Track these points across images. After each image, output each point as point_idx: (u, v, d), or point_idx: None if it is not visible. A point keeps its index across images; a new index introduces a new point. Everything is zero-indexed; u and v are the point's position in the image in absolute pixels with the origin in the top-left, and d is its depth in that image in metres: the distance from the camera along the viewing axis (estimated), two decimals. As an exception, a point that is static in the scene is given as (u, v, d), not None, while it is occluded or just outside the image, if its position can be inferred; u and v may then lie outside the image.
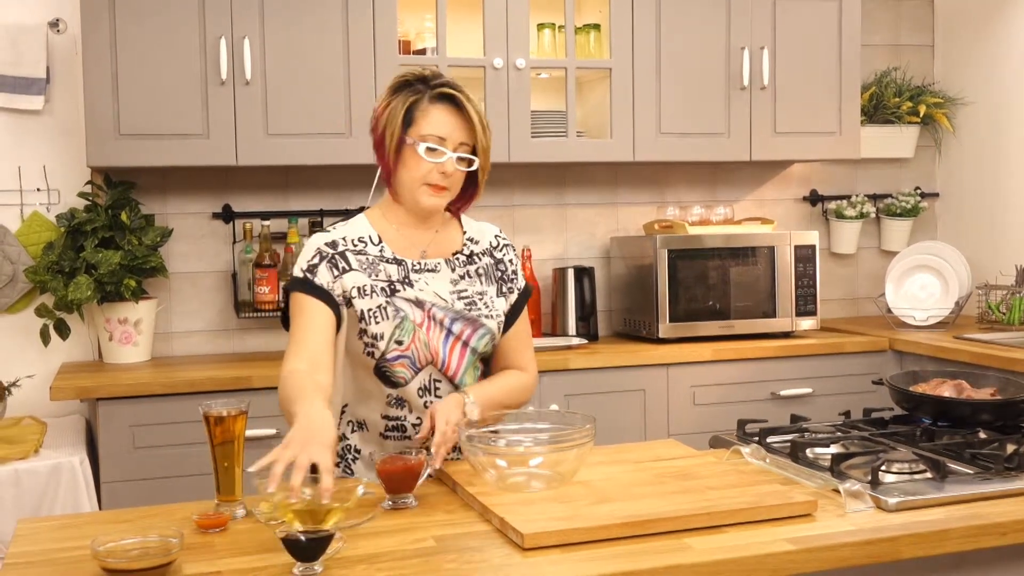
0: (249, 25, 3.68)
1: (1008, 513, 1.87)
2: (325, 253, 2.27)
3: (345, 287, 2.25)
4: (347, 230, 2.32)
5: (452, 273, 2.37)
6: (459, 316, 2.31)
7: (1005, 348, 3.79)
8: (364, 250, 2.30)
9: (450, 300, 2.32)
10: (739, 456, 2.24)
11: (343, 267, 2.26)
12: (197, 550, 1.75)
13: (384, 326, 2.23)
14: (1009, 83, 4.53)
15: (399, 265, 2.31)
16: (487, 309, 2.36)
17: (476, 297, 2.36)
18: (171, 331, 4.02)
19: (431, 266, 2.35)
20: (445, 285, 2.33)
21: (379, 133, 2.31)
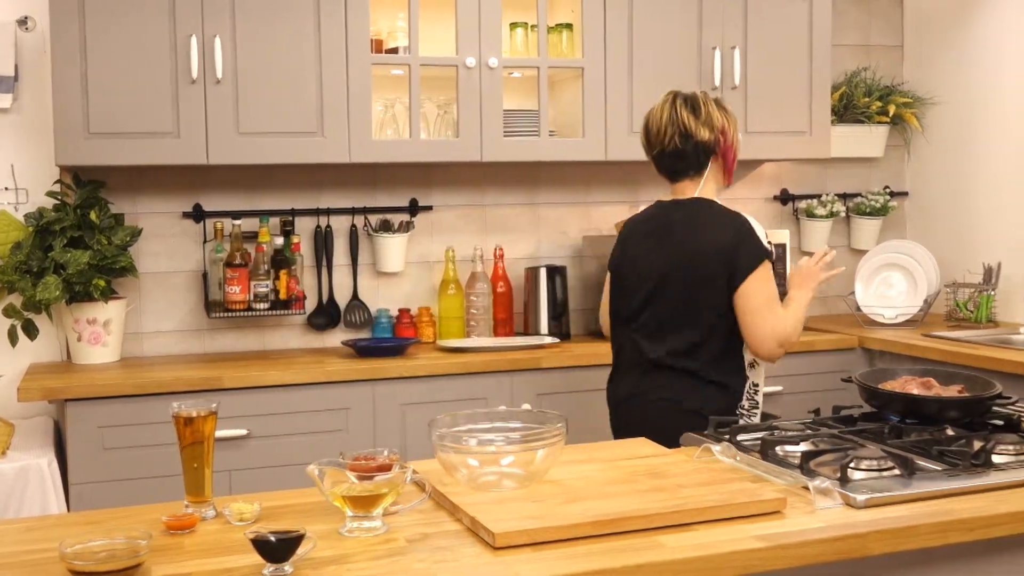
0: (220, 23, 3.66)
1: (975, 509, 1.89)
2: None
3: None
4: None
5: None
6: None
7: (973, 346, 3.82)
8: None
9: None
10: (710, 454, 2.25)
11: None
12: (166, 551, 1.74)
13: None
14: (977, 83, 4.57)
15: None
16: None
17: None
18: (141, 331, 4.00)
19: None
20: None
21: (731, 140, 2.98)
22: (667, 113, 2.96)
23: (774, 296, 2.87)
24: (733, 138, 2.97)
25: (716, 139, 2.94)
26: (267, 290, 3.92)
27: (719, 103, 2.99)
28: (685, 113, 2.93)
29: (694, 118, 2.93)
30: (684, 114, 2.93)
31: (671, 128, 2.94)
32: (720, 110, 2.97)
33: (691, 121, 2.92)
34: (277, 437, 3.55)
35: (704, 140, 2.93)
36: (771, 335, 2.84)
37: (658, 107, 3.00)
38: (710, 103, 2.96)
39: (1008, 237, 4.42)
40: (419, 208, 4.27)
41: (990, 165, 4.53)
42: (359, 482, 1.83)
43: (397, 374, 3.68)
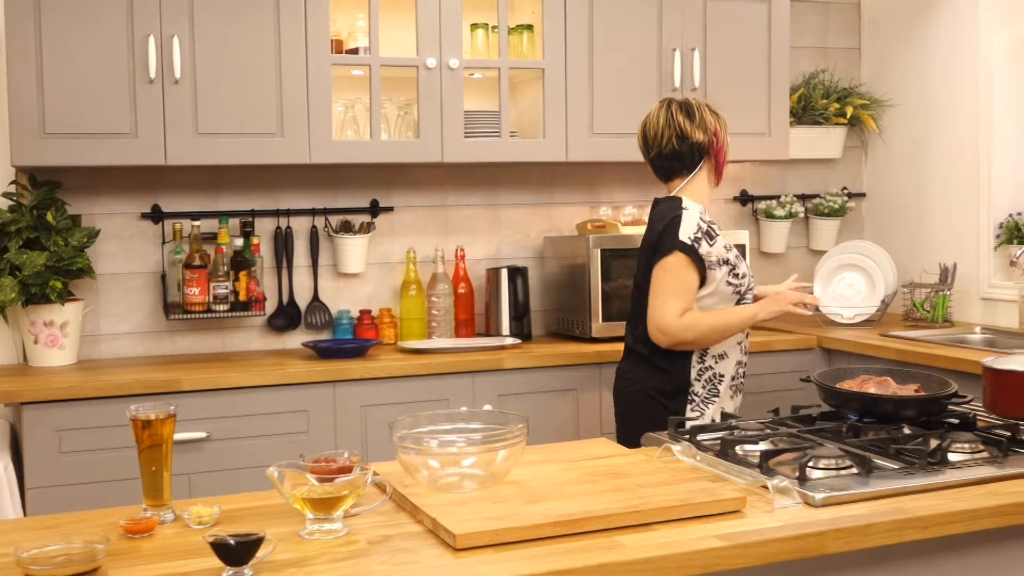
0: (178, 23, 3.63)
1: (930, 507, 1.90)
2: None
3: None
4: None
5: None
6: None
7: (929, 345, 3.86)
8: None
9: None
10: (670, 454, 2.26)
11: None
12: (124, 556, 1.73)
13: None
14: (933, 85, 4.62)
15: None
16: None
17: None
18: (98, 333, 3.96)
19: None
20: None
21: (722, 142, 3.19)
22: (663, 117, 3.18)
23: (669, 287, 3.06)
24: (724, 140, 3.21)
25: (709, 140, 3.17)
26: (227, 291, 3.89)
27: (711, 108, 3.22)
28: (681, 117, 3.16)
29: (689, 121, 3.16)
30: (680, 117, 3.16)
31: (668, 131, 3.16)
32: (712, 114, 3.20)
33: (686, 124, 3.15)
34: (237, 439, 3.53)
35: (698, 141, 3.16)
36: (652, 320, 3.08)
37: (654, 112, 3.22)
38: (703, 107, 3.19)
39: (963, 238, 4.47)
40: (380, 209, 4.26)
41: (945, 166, 4.58)
42: (319, 484, 1.83)
43: (358, 376, 3.67)
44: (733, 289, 3.14)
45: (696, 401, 3.15)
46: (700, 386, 3.15)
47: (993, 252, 4.36)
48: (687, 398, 3.14)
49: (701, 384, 3.15)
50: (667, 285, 3.07)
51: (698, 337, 3.08)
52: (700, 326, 3.06)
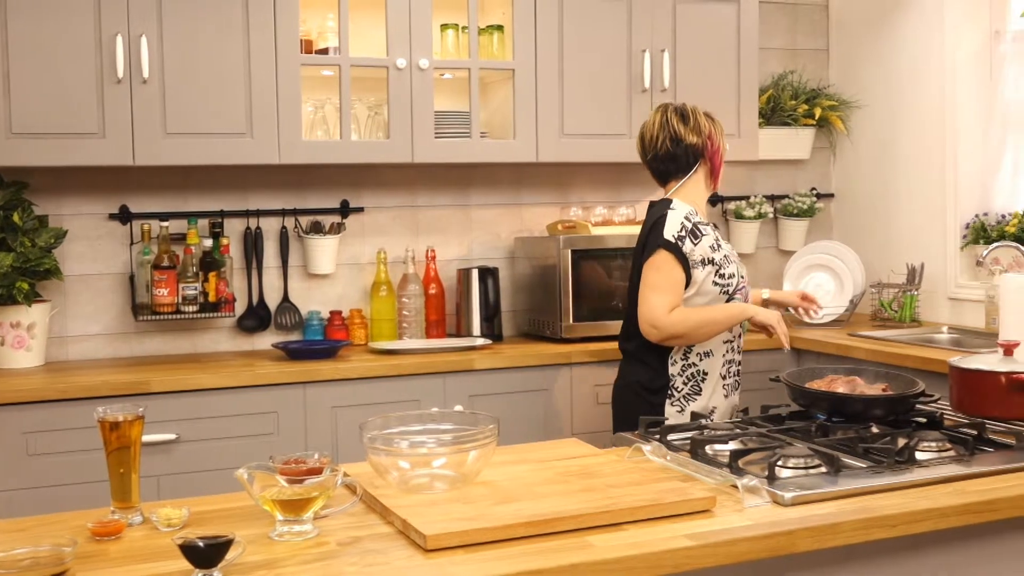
0: (146, 22, 3.61)
1: (897, 506, 1.92)
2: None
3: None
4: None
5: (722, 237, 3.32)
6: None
7: (897, 344, 3.89)
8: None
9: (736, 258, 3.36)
10: (640, 454, 2.27)
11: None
12: (92, 558, 1.72)
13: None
14: (900, 87, 4.66)
15: (715, 229, 3.27)
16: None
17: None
18: (66, 335, 3.93)
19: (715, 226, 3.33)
20: (728, 249, 3.28)
21: (717, 145, 3.28)
22: (659, 121, 3.27)
23: (657, 283, 3.12)
24: (719, 143, 3.29)
25: (703, 143, 3.25)
26: (196, 292, 3.87)
27: (707, 113, 3.30)
28: (675, 120, 3.25)
29: (683, 124, 3.25)
30: (674, 121, 3.25)
31: (662, 133, 3.25)
32: (707, 119, 3.28)
33: (680, 127, 3.24)
34: (206, 441, 3.51)
35: (692, 143, 3.24)
36: (643, 316, 3.13)
37: (651, 117, 3.31)
38: (699, 112, 3.28)
39: (930, 238, 4.51)
40: (350, 209, 4.25)
41: (912, 167, 4.61)
42: (289, 486, 1.82)
43: (328, 377, 3.66)
44: (720, 289, 3.16)
45: (676, 397, 3.18)
46: (681, 382, 3.19)
47: (960, 252, 4.40)
48: (668, 394, 3.19)
49: (683, 380, 3.19)
50: (654, 281, 3.12)
51: (688, 331, 3.10)
52: (690, 320, 3.10)
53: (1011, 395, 2.48)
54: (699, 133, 3.24)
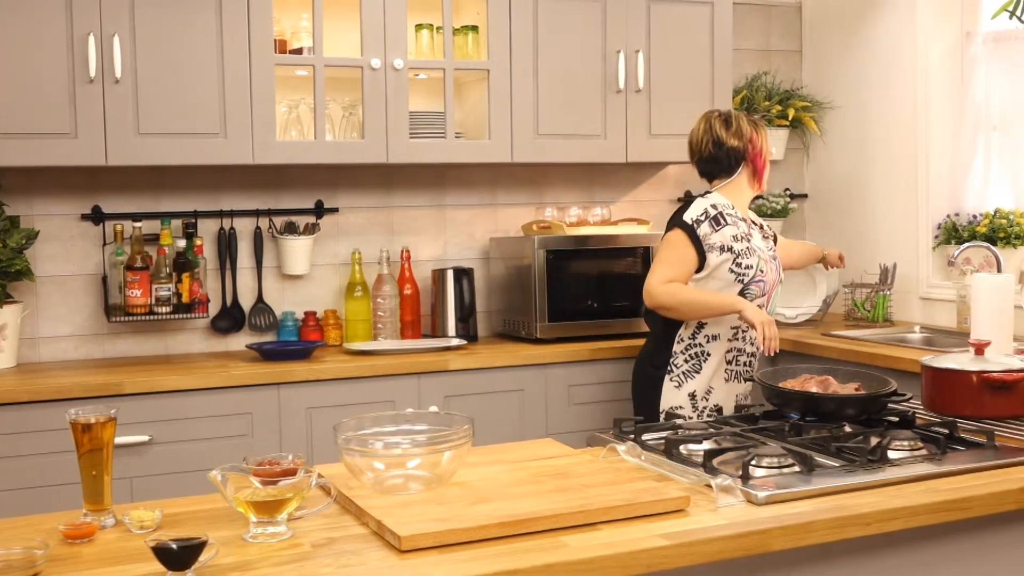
0: (119, 21, 3.59)
1: (871, 504, 1.93)
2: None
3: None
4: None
5: (757, 231, 3.48)
6: (775, 258, 3.51)
7: (869, 344, 3.92)
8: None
9: (768, 250, 3.49)
10: (615, 454, 2.27)
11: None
12: (64, 561, 1.70)
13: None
14: (872, 87, 4.69)
15: (744, 223, 3.43)
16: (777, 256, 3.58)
17: (772, 247, 3.55)
18: (38, 336, 3.90)
19: (751, 225, 3.46)
20: (759, 240, 3.46)
21: (759, 148, 3.46)
22: (703, 126, 3.49)
23: (664, 257, 3.37)
24: (762, 147, 3.46)
25: (744, 146, 3.43)
26: (169, 293, 3.85)
27: (750, 118, 3.49)
28: (718, 125, 3.46)
29: (725, 129, 3.45)
30: (717, 125, 3.46)
31: (706, 137, 3.47)
32: (750, 123, 3.46)
33: (723, 131, 3.45)
34: (180, 443, 3.49)
35: (733, 146, 3.43)
36: (646, 284, 3.35)
37: (697, 123, 3.53)
38: (741, 118, 3.47)
39: (903, 238, 4.54)
40: (325, 210, 4.24)
41: (884, 168, 4.64)
42: (263, 487, 1.82)
43: (303, 378, 3.65)
44: (736, 277, 3.33)
45: (675, 373, 3.40)
46: (683, 359, 3.40)
47: (932, 253, 4.43)
48: (668, 369, 3.40)
49: (684, 358, 3.39)
50: (662, 255, 3.38)
51: (676, 305, 3.32)
52: (680, 295, 3.31)
53: (982, 394, 2.50)
54: (740, 137, 3.44)
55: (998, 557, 2.09)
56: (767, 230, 3.54)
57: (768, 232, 3.54)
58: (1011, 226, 4.12)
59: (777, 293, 3.50)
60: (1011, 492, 2.03)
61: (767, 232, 3.54)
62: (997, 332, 3.11)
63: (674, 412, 3.14)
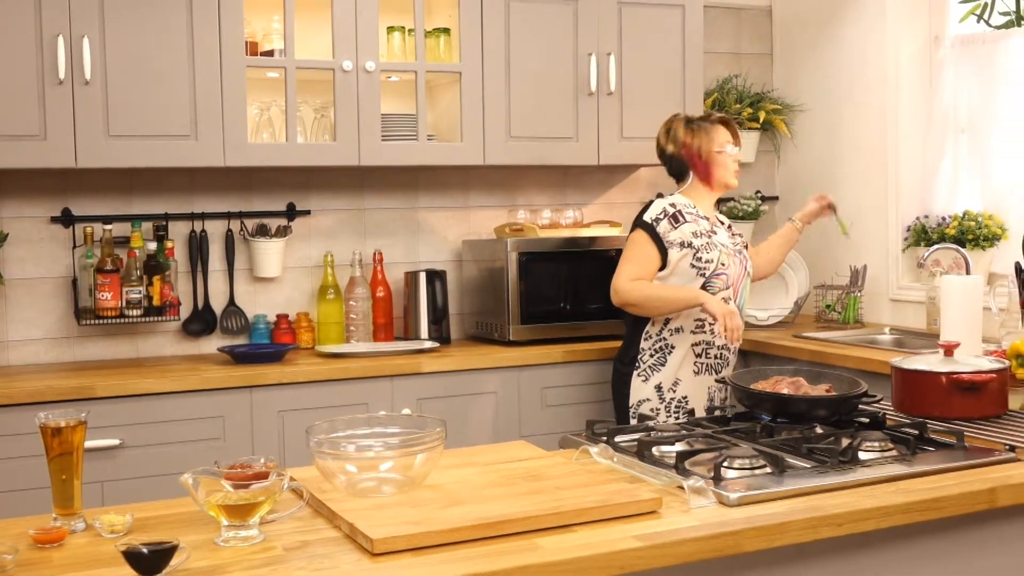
0: (88, 23, 3.57)
1: (843, 504, 1.94)
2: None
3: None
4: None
5: (722, 229, 3.61)
6: (740, 252, 3.60)
7: (840, 346, 3.94)
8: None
9: (731, 245, 3.57)
10: (588, 456, 2.27)
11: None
12: (33, 566, 1.69)
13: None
14: (842, 91, 4.72)
15: (706, 220, 3.56)
16: (746, 252, 3.68)
17: (737, 242, 3.64)
18: (7, 340, 3.87)
19: (714, 223, 3.58)
20: (724, 237, 3.57)
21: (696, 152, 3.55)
22: (659, 133, 3.68)
23: (628, 256, 3.52)
24: (699, 148, 3.55)
25: (679, 152, 3.58)
26: (140, 296, 3.82)
27: (691, 122, 3.59)
28: (662, 133, 3.65)
29: (665, 136, 3.63)
30: (661, 134, 3.65)
31: (656, 146, 3.68)
32: (688, 128, 3.58)
33: (663, 139, 3.64)
34: (151, 447, 3.47)
35: (672, 153, 3.60)
36: (612, 283, 3.51)
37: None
38: (679, 124, 3.60)
39: (873, 240, 4.57)
40: (297, 212, 4.22)
41: (854, 170, 4.67)
42: (234, 491, 1.81)
43: (275, 380, 3.63)
44: (697, 271, 3.46)
45: (642, 368, 3.54)
46: (648, 355, 3.54)
47: (901, 255, 4.47)
48: (636, 365, 3.54)
49: (650, 353, 3.53)
50: (626, 254, 3.53)
51: (640, 301, 3.46)
52: (643, 292, 3.45)
53: (951, 395, 2.52)
54: (676, 143, 3.59)
55: (970, 556, 2.11)
56: (735, 232, 3.65)
57: (737, 233, 3.65)
58: (980, 228, 4.15)
59: (745, 287, 3.58)
60: (982, 492, 2.04)
61: (735, 233, 3.64)
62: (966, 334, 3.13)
63: (642, 405, 3.35)
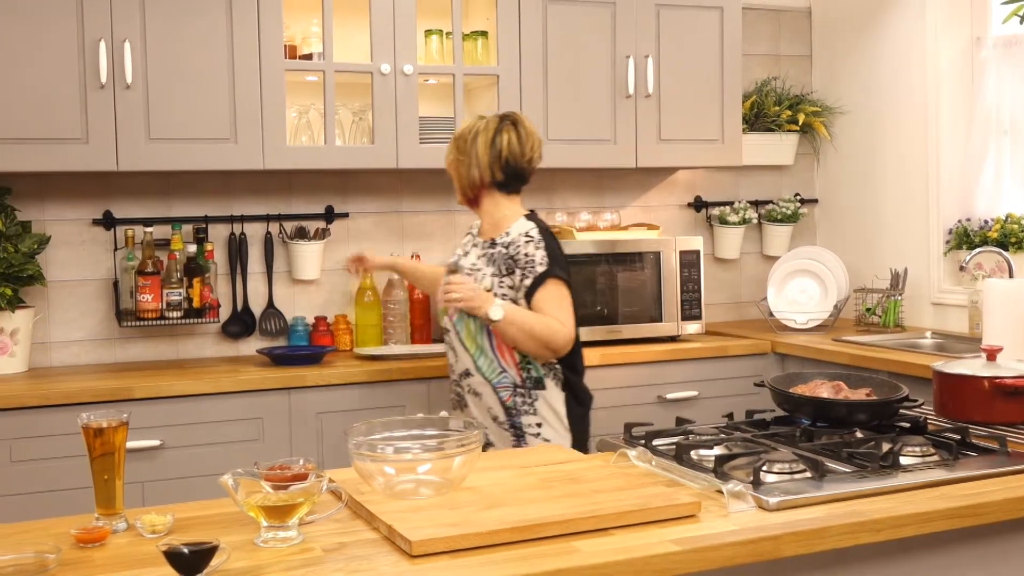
0: (130, 27, 3.60)
1: (884, 510, 1.93)
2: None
3: None
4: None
5: (479, 251, 3.22)
6: None
7: (881, 350, 3.90)
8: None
9: (465, 268, 3.22)
10: (625, 459, 2.27)
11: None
12: (75, 565, 1.71)
13: None
14: (882, 93, 4.68)
15: (471, 239, 3.32)
16: (475, 281, 3.13)
17: (474, 270, 3.18)
18: (49, 341, 3.91)
19: (476, 243, 3.27)
20: (472, 258, 3.23)
21: (448, 165, 3.27)
22: None
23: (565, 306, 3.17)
24: (449, 162, 3.25)
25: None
26: (180, 298, 3.86)
27: (465, 134, 3.20)
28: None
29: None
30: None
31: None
32: (452, 141, 3.25)
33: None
34: (191, 447, 3.50)
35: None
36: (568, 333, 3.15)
37: None
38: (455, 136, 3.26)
39: (914, 243, 4.53)
40: (335, 215, 4.24)
41: (895, 172, 4.63)
42: (274, 492, 1.82)
43: (313, 382, 3.65)
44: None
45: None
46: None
47: (943, 257, 4.42)
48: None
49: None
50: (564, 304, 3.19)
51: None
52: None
53: (994, 400, 2.49)
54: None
55: (1013, 563, 2.08)
56: (493, 252, 3.18)
57: (489, 253, 3.20)
58: (1023, 231, 4.11)
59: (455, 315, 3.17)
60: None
61: (486, 252, 3.20)
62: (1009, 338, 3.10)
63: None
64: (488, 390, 3.14)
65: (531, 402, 3.13)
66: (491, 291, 3.10)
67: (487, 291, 3.09)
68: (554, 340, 3.07)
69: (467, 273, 3.18)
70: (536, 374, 3.13)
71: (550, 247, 3.14)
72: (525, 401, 3.12)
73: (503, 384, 3.12)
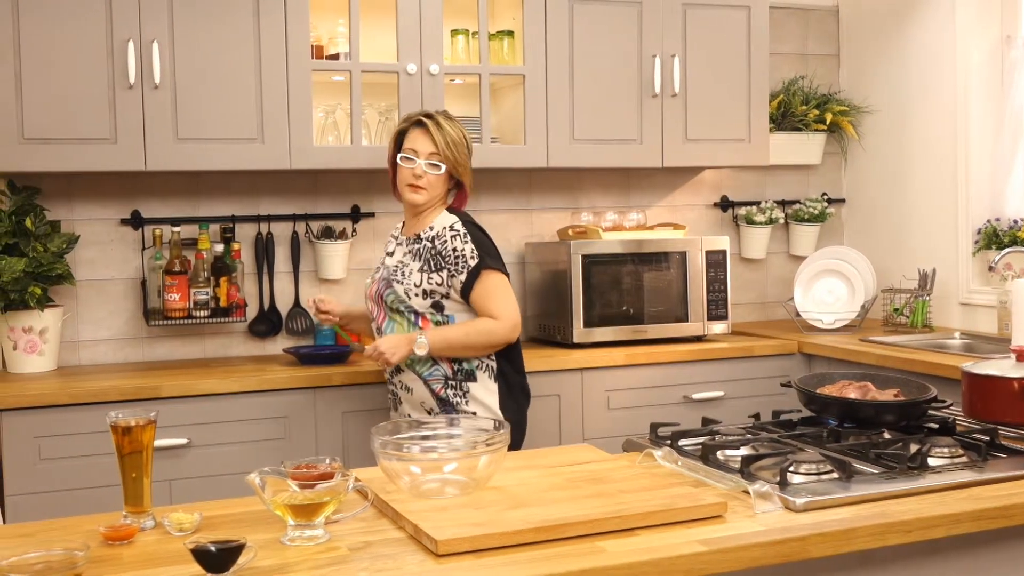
0: (158, 27, 3.62)
1: (912, 511, 1.91)
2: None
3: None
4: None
5: (404, 248, 3.24)
6: (385, 278, 3.23)
7: (908, 350, 3.88)
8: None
9: (391, 266, 3.24)
10: (651, 459, 2.26)
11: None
12: (104, 563, 1.72)
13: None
14: (910, 92, 4.65)
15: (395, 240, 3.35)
16: (401, 277, 3.18)
17: (400, 266, 3.21)
18: (78, 340, 3.94)
19: (400, 241, 3.29)
20: (398, 256, 3.24)
21: (388, 156, 3.33)
22: None
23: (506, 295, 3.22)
24: (389, 154, 3.33)
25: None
26: (207, 297, 3.88)
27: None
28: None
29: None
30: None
31: None
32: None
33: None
34: (217, 446, 3.51)
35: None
36: (514, 317, 3.22)
37: None
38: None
39: (942, 243, 4.50)
40: (361, 215, 4.25)
41: (923, 172, 4.60)
42: (300, 491, 1.82)
43: (339, 382, 3.66)
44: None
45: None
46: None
47: (972, 258, 4.39)
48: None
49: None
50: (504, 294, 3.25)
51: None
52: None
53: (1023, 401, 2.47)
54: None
55: (1041, 566, 2.07)
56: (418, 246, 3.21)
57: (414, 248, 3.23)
58: (1053, 231, 4.07)
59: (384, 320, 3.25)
60: (1054, 500, 2.00)
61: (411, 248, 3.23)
62: (1039, 338, 3.07)
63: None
64: (419, 384, 3.19)
65: (463, 393, 3.18)
66: (419, 286, 3.14)
67: (416, 287, 3.14)
68: (492, 339, 3.14)
69: (393, 269, 3.22)
70: (467, 366, 3.18)
71: (477, 239, 3.18)
72: (457, 393, 3.17)
73: (434, 376, 3.18)
